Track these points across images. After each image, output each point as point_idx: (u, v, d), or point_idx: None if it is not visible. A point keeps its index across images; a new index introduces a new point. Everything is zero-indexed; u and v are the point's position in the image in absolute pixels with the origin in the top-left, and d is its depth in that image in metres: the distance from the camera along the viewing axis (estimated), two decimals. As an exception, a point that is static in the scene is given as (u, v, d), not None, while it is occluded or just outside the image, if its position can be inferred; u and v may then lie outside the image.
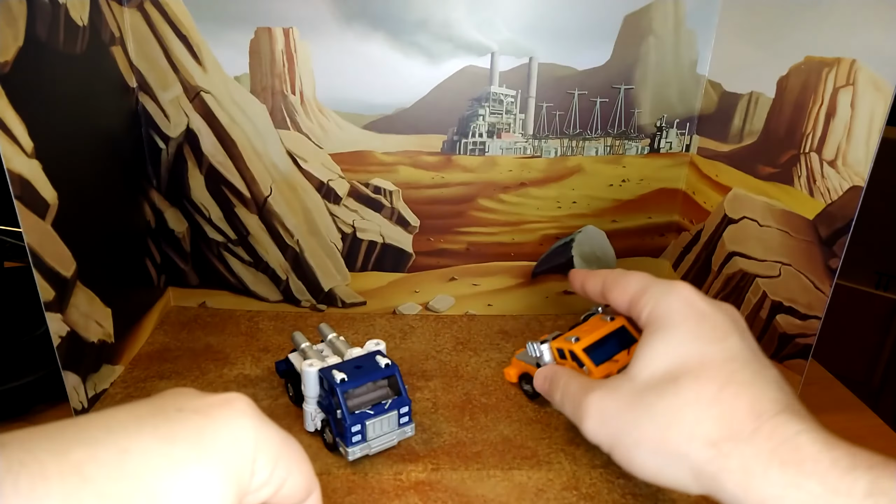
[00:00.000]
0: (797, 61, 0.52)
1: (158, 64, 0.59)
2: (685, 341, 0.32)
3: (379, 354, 0.47)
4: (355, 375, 0.45)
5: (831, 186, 0.49)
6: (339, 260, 0.67)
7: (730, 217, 0.60)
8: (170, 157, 0.62)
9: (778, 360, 0.56)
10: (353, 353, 0.48)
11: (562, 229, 0.68)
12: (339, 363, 0.47)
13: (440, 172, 0.64)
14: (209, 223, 0.65)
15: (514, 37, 0.59)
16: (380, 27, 0.58)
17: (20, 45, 0.43)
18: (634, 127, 0.64)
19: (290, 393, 0.53)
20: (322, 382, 0.46)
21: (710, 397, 0.30)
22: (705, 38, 0.61)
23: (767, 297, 0.56)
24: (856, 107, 0.47)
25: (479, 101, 0.62)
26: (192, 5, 0.57)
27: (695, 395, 0.30)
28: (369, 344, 0.49)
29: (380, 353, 0.48)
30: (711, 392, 0.30)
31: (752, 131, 0.57)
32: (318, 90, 0.60)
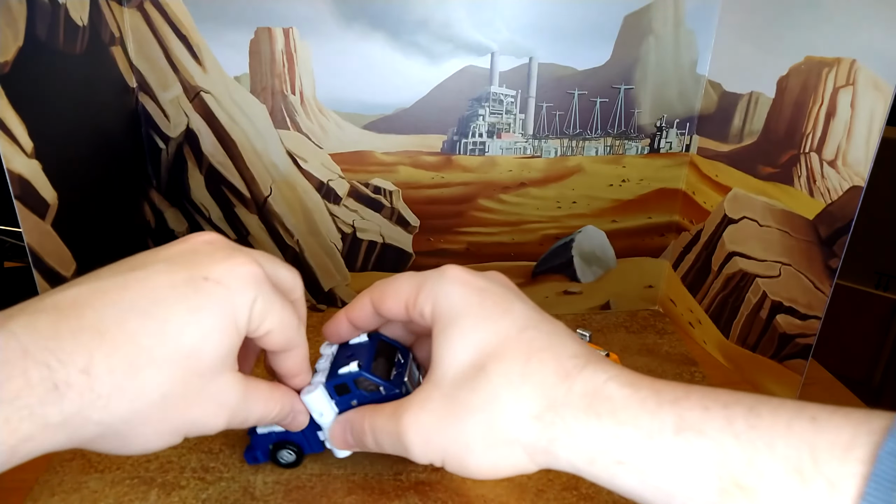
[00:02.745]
0: (797, 61, 0.52)
1: (158, 64, 0.59)
2: (477, 326, 0.31)
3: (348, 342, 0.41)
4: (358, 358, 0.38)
5: (831, 186, 0.49)
6: (339, 260, 0.67)
7: (730, 217, 0.60)
8: (170, 157, 0.62)
9: (778, 361, 0.56)
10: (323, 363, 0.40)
11: (562, 229, 0.68)
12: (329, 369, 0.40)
13: (440, 172, 0.64)
14: (209, 223, 0.65)
15: (514, 37, 0.59)
16: (380, 27, 0.58)
17: (20, 45, 0.43)
18: (634, 127, 0.64)
19: (289, 459, 0.45)
20: (337, 391, 0.38)
21: (519, 374, 0.30)
22: (705, 38, 0.61)
23: (767, 297, 0.56)
24: (856, 107, 0.47)
25: (479, 101, 0.62)
26: (192, 5, 0.57)
27: (505, 377, 0.30)
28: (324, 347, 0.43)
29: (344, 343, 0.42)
30: (518, 368, 0.30)
31: (752, 131, 0.57)
32: (318, 90, 0.60)
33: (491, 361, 0.30)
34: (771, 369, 0.56)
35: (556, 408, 0.28)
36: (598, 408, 0.27)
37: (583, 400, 0.28)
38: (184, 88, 0.60)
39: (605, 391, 0.28)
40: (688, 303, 0.67)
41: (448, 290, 0.33)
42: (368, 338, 0.40)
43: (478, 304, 0.32)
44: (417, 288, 0.34)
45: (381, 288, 0.37)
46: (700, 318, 0.65)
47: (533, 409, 0.29)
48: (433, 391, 0.32)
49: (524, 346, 0.30)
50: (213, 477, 0.45)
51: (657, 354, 0.63)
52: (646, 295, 0.72)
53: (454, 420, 0.30)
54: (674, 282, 0.69)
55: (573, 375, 0.29)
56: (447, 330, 0.32)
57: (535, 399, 0.29)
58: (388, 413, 0.34)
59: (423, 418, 0.31)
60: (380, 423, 0.34)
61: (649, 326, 0.69)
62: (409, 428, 0.32)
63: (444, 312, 0.33)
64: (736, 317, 0.60)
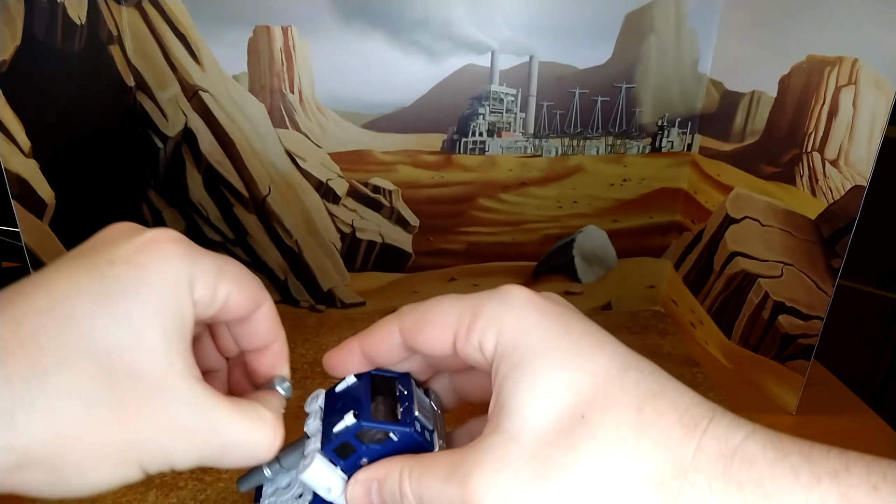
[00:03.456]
0: (799, 60, 0.51)
1: (156, 63, 0.59)
2: (566, 365, 0.25)
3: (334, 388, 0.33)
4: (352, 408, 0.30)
5: (833, 186, 0.49)
6: (338, 260, 0.67)
7: (732, 217, 0.60)
8: (168, 157, 0.62)
9: (780, 361, 0.55)
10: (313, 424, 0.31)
11: (563, 229, 0.67)
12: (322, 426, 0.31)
13: (440, 172, 0.64)
14: (207, 223, 0.65)
15: (514, 35, 0.59)
16: (379, 25, 0.58)
17: (18, 43, 0.43)
18: (636, 126, 0.64)
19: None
20: (339, 454, 0.30)
21: (631, 426, 0.23)
22: (707, 37, 0.60)
23: (769, 297, 0.56)
24: (858, 106, 0.47)
25: (479, 99, 0.61)
26: (190, 4, 0.57)
27: (614, 430, 0.23)
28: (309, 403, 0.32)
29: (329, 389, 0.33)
30: (630, 419, 0.24)
31: (754, 130, 0.57)
32: (316, 89, 0.60)
33: (592, 410, 0.24)
34: (773, 370, 0.56)
35: (684, 473, 0.22)
36: (739, 475, 0.22)
37: (717, 463, 0.22)
38: (182, 87, 0.60)
39: (745, 452, 0.22)
40: (689, 303, 0.67)
41: (519, 316, 0.26)
42: (358, 378, 0.32)
43: (562, 336, 0.26)
44: (472, 314, 0.27)
45: (415, 314, 0.29)
46: (702, 319, 0.65)
47: (654, 475, 0.23)
48: (511, 447, 0.25)
49: (631, 391, 0.24)
50: (211, 478, 0.45)
51: (659, 355, 0.63)
52: (647, 295, 0.72)
53: (546, 485, 0.24)
54: (675, 282, 0.69)
55: (699, 430, 0.23)
56: (524, 368, 0.25)
57: (656, 461, 0.23)
58: (443, 473, 0.26)
59: (503, 483, 0.24)
60: (434, 488, 0.26)
61: (651, 327, 0.69)
62: (482, 496, 0.24)
63: (518, 346, 0.26)
64: (738, 317, 0.60)
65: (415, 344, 0.29)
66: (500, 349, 0.26)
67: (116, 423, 0.23)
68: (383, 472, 0.28)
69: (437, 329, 0.28)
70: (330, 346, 0.67)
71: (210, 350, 0.31)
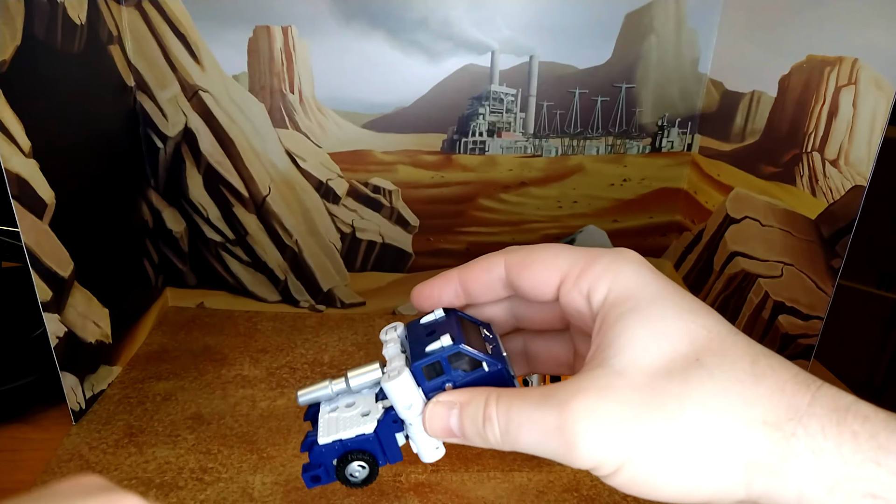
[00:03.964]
0: (799, 60, 0.51)
1: (156, 63, 0.59)
2: (681, 315, 0.25)
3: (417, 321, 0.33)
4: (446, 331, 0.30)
5: (833, 186, 0.49)
6: (338, 260, 0.67)
7: (732, 217, 0.60)
8: (168, 157, 0.62)
9: (780, 361, 0.55)
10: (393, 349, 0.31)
11: (563, 229, 0.67)
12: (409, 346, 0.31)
13: (440, 172, 0.64)
14: (207, 223, 0.65)
15: (514, 35, 0.59)
16: (379, 25, 0.58)
17: (18, 43, 0.43)
18: (636, 126, 0.64)
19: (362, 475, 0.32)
20: (427, 374, 0.30)
21: (749, 373, 0.24)
22: (707, 37, 0.60)
23: (769, 297, 0.56)
24: (858, 106, 0.47)
25: (479, 99, 0.61)
26: (190, 4, 0.57)
27: (731, 373, 0.24)
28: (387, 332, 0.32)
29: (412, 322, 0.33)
30: (747, 367, 0.24)
31: (754, 130, 0.57)
32: (316, 89, 0.60)
33: (707, 355, 0.24)
34: (773, 370, 0.56)
35: (799, 417, 0.23)
36: (853, 425, 0.22)
37: (832, 414, 0.22)
38: (182, 87, 0.60)
39: (858, 409, 0.22)
40: (689, 303, 0.67)
41: (635, 270, 0.27)
42: (446, 312, 0.32)
43: (676, 293, 0.26)
44: (587, 261, 0.27)
45: (524, 251, 0.29)
46: (701, 319, 0.65)
47: (769, 415, 0.23)
48: (615, 379, 0.24)
49: (744, 348, 0.24)
50: (211, 478, 0.45)
51: (658, 355, 0.63)
52: (647, 295, 0.72)
53: (659, 414, 0.23)
54: (676, 282, 0.69)
55: (813, 388, 0.23)
56: (638, 313, 0.25)
57: (772, 403, 0.23)
58: (536, 399, 0.25)
59: (606, 408, 0.24)
60: (525, 413, 0.25)
61: (650, 327, 0.69)
62: (582, 417, 0.24)
63: (633, 295, 0.26)
64: (738, 317, 0.60)
65: (518, 280, 0.29)
66: (612, 297, 0.26)
67: None
68: (468, 397, 0.27)
69: (547, 268, 0.28)
70: (330, 345, 0.67)
71: None
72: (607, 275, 0.26)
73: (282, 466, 0.47)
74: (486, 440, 0.27)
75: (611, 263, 0.27)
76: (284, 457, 0.48)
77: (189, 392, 0.55)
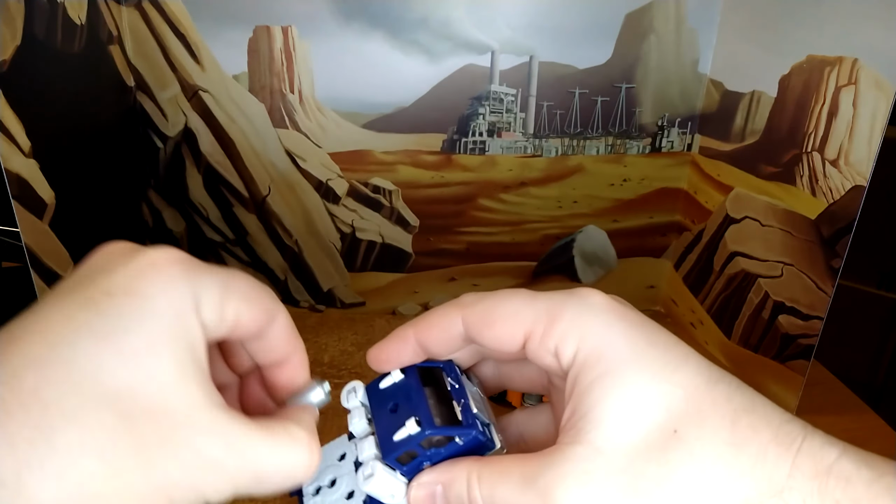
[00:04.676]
0: (799, 60, 0.51)
1: (156, 63, 0.59)
2: (656, 377, 0.24)
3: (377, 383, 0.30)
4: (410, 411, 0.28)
5: (833, 186, 0.49)
6: (338, 260, 0.67)
7: (732, 217, 0.60)
8: (168, 157, 0.62)
9: (780, 361, 0.55)
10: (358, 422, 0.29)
11: (563, 229, 0.67)
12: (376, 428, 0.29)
13: (440, 172, 0.64)
14: (207, 223, 0.65)
15: (514, 35, 0.59)
16: (379, 25, 0.58)
17: (18, 43, 0.43)
18: (636, 126, 0.64)
19: None
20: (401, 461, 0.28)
21: (727, 443, 0.23)
22: (707, 37, 0.60)
23: (769, 297, 0.56)
24: (858, 106, 0.47)
25: (479, 99, 0.61)
26: (190, 4, 0.57)
27: (709, 446, 0.23)
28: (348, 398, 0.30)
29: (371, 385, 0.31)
30: (725, 435, 0.23)
31: (754, 130, 0.57)
32: (316, 89, 0.60)
33: (685, 425, 0.23)
34: (773, 370, 0.56)
35: (780, 492, 0.22)
36: (834, 493, 0.22)
37: (813, 482, 0.22)
38: (182, 87, 0.60)
39: (840, 471, 0.22)
40: (689, 303, 0.67)
41: (603, 324, 0.25)
42: (404, 373, 0.30)
43: (648, 347, 0.25)
44: (550, 317, 0.26)
45: (482, 305, 0.27)
46: (702, 319, 0.65)
47: (751, 494, 0.22)
48: (597, 460, 0.24)
49: (724, 406, 0.24)
50: (211, 478, 0.45)
51: (658, 355, 0.63)
52: (647, 295, 0.72)
53: (640, 501, 0.23)
54: (675, 282, 0.69)
55: (794, 448, 0.22)
56: (610, 378, 0.24)
57: (753, 479, 0.22)
58: (517, 481, 0.25)
59: (589, 499, 0.23)
60: (509, 497, 0.25)
61: (650, 327, 0.69)
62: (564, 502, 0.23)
63: (603, 355, 0.25)
64: (738, 317, 0.60)
65: (480, 338, 0.28)
66: (582, 357, 0.25)
67: (139, 469, 0.21)
68: (448, 477, 0.27)
69: (508, 327, 0.27)
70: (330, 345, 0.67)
71: (220, 367, 0.29)
72: (574, 332, 0.25)
73: (282, 466, 0.47)
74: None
75: (576, 318, 0.26)
76: (284, 457, 0.48)
77: (189, 392, 0.55)
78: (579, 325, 0.25)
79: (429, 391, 0.29)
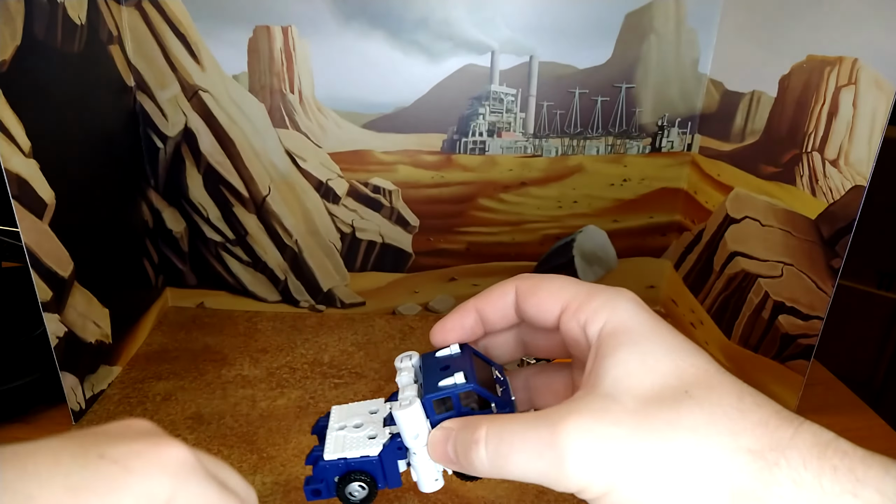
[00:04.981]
0: (799, 60, 0.51)
1: (156, 63, 0.59)
2: (672, 352, 0.27)
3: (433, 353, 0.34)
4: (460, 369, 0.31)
5: (833, 186, 0.49)
6: (338, 260, 0.67)
7: (732, 217, 0.60)
8: (168, 157, 0.62)
9: (780, 361, 0.55)
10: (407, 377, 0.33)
11: (563, 229, 0.67)
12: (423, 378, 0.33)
13: (440, 172, 0.64)
14: (207, 223, 0.65)
15: (514, 35, 0.59)
16: (379, 25, 0.58)
17: (18, 43, 0.43)
18: (636, 126, 0.64)
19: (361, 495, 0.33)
20: (437, 407, 0.31)
21: (735, 407, 0.25)
22: (707, 37, 0.60)
23: (769, 297, 0.56)
24: (858, 106, 0.47)
25: (479, 99, 0.61)
26: (190, 4, 0.57)
27: (719, 406, 0.25)
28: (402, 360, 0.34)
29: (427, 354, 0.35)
30: (734, 401, 0.25)
31: (754, 130, 0.57)
32: (316, 89, 0.60)
33: (698, 389, 0.26)
34: (773, 370, 0.56)
35: (783, 449, 0.24)
36: (833, 459, 0.23)
37: (815, 448, 0.24)
38: (182, 87, 0.60)
39: (838, 445, 0.24)
40: (689, 303, 0.67)
41: (630, 309, 0.28)
42: (461, 348, 0.33)
43: (668, 333, 0.28)
44: (588, 295, 0.29)
45: (531, 280, 0.32)
46: (702, 319, 0.65)
47: (753, 445, 0.24)
48: (609, 403, 0.26)
49: (730, 385, 0.26)
50: (211, 478, 0.45)
51: (658, 355, 0.63)
52: (647, 295, 0.72)
53: (650, 437, 0.25)
54: (675, 282, 0.69)
55: (797, 423, 0.25)
56: (631, 346, 0.27)
57: (757, 436, 0.24)
58: (530, 418, 0.27)
59: (599, 428, 0.25)
60: (518, 430, 0.26)
61: (650, 327, 0.69)
62: (575, 435, 0.25)
63: (627, 329, 0.28)
64: (738, 317, 0.60)
65: (525, 305, 0.31)
66: (608, 329, 0.28)
67: None
68: (463, 423, 0.29)
69: (550, 297, 0.30)
70: (330, 345, 0.67)
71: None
72: (605, 309, 0.28)
73: (282, 466, 0.47)
74: (472, 463, 0.28)
75: (609, 300, 0.29)
76: (284, 457, 0.48)
77: (189, 392, 0.55)
78: (610, 306, 0.28)
79: (478, 367, 0.32)
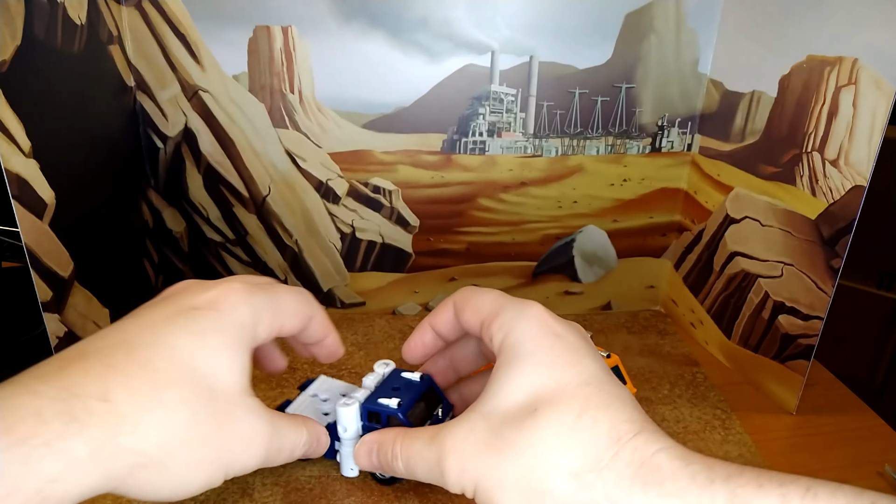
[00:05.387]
0: (799, 60, 0.51)
1: (156, 63, 0.59)
2: (540, 369, 0.31)
3: (401, 371, 0.43)
4: (402, 396, 0.40)
5: (833, 186, 0.49)
6: (338, 260, 0.67)
7: (732, 217, 0.60)
8: (168, 157, 0.62)
9: (780, 361, 0.55)
10: (371, 381, 0.42)
11: (563, 229, 0.67)
12: (374, 392, 0.41)
13: (440, 172, 0.64)
14: (207, 223, 0.65)
15: (514, 35, 0.59)
16: (379, 25, 0.58)
17: (18, 43, 0.43)
18: (636, 126, 0.64)
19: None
20: (367, 417, 0.40)
21: (569, 426, 0.29)
22: (707, 37, 0.60)
23: (769, 297, 0.56)
24: (858, 106, 0.47)
25: (479, 99, 0.61)
26: (190, 4, 0.57)
27: (554, 425, 0.29)
28: (378, 366, 0.44)
29: (398, 370, 0.43)
30: (570, 421, 0.29)
31: (754, 130, 0.57)
32: (316, 89, 0.60)
33: (544, 407, 0.30)
34: (773, 370, 0.56)
35: (599, 470, 0.27)
36: (645, 477, 0.26)
37: (629, 467, 0.27)
38: (182, 87, 0.60)
39: (655, 460, 0.27)
40: (689, 303, 0.67)
41: (525, 326, 0.33)
42: (421, 379, 0.41)
43: (548, 349, 0.32)
44: (496, 312, 0.34)
45: (465, 295, 0.37)
46: (702, 319, 0.65)
47: (574, 466, 0.28)
48: (479, 421, 0.31)
49: (581, 401, 0.30)
50: (211, 478, 0.45)
51: (658, 355, 0.63)
52: (647, 295, 0.72)
53: (494, 455, 0.30)
54: (675, 282, 0.69)
55: (624, 441, 0.28)
56: (510, 365, 0.32)
57: (579, 456, 0.28)
58: (426, 439, 0.33)
59: (465, 447, 0.31)
60: (416, 450, 0.34)
61: (651, 327, 0.69)
62: (449, 455, 0.31)
63: (513, 347, 0.32)
64: (738, 317, 0.60)
65: (460, 319, 0.38)
66: (504, 346, 0.33)
67: (213, 430, 0.30)
68: (382, 438, 0.37)
69: (473, 313, 0.36)
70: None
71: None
72: (506, 325, 0.33)
73: (282, 467, 0.47)
74: (393, 471, 0.36)
75: (512, 316, 0.34)
76: (284, 457, 0.48)
77: (189, 392, 0.55)
78: (510, 323, 0.33)
79: (423, 402, 0.40)
